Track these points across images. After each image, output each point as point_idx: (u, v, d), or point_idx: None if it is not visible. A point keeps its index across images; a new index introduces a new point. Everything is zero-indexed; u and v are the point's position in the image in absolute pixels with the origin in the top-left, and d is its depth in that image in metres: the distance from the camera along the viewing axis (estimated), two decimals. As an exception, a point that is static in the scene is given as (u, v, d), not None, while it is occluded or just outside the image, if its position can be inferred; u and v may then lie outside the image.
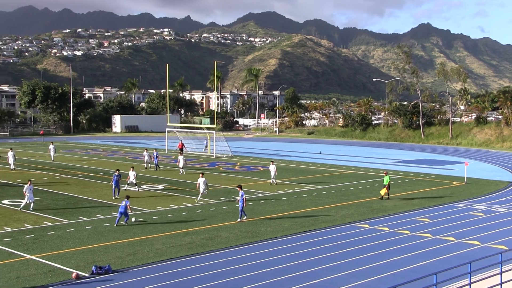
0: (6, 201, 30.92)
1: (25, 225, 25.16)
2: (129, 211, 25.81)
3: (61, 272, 18.33)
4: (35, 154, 60.93)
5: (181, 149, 58.75)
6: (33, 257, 20.03)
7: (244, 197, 26.37)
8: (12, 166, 45.83)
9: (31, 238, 22.79)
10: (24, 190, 28.82)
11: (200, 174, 32.23)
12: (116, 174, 32.91)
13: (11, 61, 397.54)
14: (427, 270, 18.22)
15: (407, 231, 24.65)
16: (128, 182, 34.96)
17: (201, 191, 30.95)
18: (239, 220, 26.34)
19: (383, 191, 32.87)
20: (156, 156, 47.22)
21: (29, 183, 29.09)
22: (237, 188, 27.38)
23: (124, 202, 25.57)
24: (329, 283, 17.44)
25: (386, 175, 33.32)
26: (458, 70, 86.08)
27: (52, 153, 53.27)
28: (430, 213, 28.83)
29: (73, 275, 17.77)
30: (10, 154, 46.51)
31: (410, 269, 18.87)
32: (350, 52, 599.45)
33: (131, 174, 34.93)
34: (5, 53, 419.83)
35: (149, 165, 47.44)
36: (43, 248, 21.26)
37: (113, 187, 32.63)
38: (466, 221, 27.02)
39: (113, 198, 32.27)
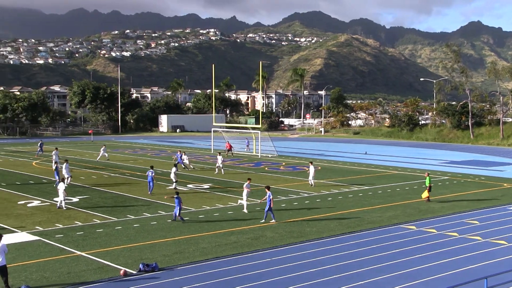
0: (57, 198, 31.69)
1: (76, 222, 25.76)
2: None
3: (109, 268, 18.70)
4: (84, 153, 62.32)
5: (229, 150, 59.08)
6: (83, 253, 20.49)
7: (271, 198, 26.01)
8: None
9: (81, 235, 23.33)
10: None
11: (248, 180, 30.00)
12: (151, 170, 33.99)
13: (63, 62, 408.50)
14: (477, 273, 17.82)
15: (455, 233, 24.14)
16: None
17: (244, 199, 28.70)
18: (263, 221, 25.96)
19: (425, 194, 32.25)
20: (180, 157, 47.39)
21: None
22: (265, 189, 26.62)
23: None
24: (374, 285, 17.24)
25: (427, 176, 32.69)
26: (510, 68, 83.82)
27: (101, 153, 54.05)
28: (479, 215, 28.15)
29: (121, 272, 18.10)
30: (54, 152, 47.50)
31: (459, 272, 18.46)
32: (396, 51, 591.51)
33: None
34: (57, 54, 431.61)
35: (191, 167, 47.21)
36: (92, 245, 21.73)
37: (149, 183, 33.79)
38: (518, 224, 26.28)
39: (149, 193, 33.40)
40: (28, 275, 17.97)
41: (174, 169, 36.82)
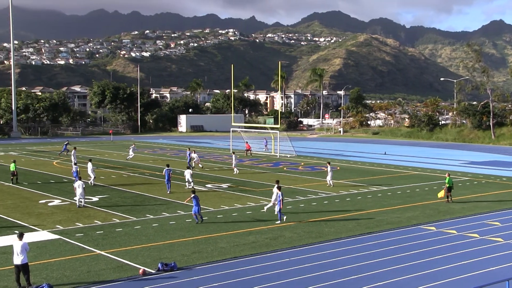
0: (83, 200, 31.97)
1: (95, 221, 25.98)
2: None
3: (128, 268, 18.83)
4: (104, 153, 62.81)
5: (248, 150, 59.23)
6: (102, 252, 20.66)
7: (281, 198, 25.91)
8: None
9: (101, 234, 23.52)
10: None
11: (276, 183, 28.18)
12: (167, 169, 34.88)
13: (83, 62, 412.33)
14: (498, 276, 17.59)
15: (476, 234, 23.89)
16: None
17: (271, 202, 27.41)
18: (278, 222, 25.79)
19: (441, 193, 31.96)
20: (189, 155, 47.89)
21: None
22: (276, 190, 26.28)
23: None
24: (394, 286, 17.14)
25: (448, 176, 32.32)
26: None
27: (131, 153, 54.46)
28: (501, 217, 27.82)
29: (140, 271, 18.21)
30: (73, 152, 48.53)
31: (479, 274, 18.28)
32: (416, 51, 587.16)
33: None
34: (77, 55, 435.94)
35: (200, 166, 47.29)
36: (112, 244, 21.89)
37: (166, 181, 34.56)
38: (540, 225, 25.92)
39: (168, 192, 34.00)
40: (49, 273, 18.17)
41: (189, 171, 36.24)
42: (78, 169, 37.28)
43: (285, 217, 26.02)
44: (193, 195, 25.82)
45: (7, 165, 44.27)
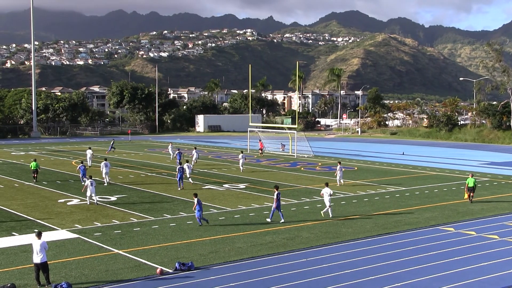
0: (96, 197, 32.23)
1: (113, 221, 26.16)
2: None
3: (146, 267, 18.93)
4: (122, 152, 63.21)
5: (261, 149, 59.46)
6: (120, 251, 20.80)
7: (279, 197, 26.19)
8: (89, 163, 47.50)
9: (119, 233, 23.67)
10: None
11: (325, 184, 28.53)
12: (180, 167, 36.19)
13: (102, 63, 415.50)
14: (516, 277, 17.42)
15: (495, 236, 23.64)
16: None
17: (327, 205, 27.40)
18: (269, 220, 26.16)
19: (466, 195, 31.76)
20: (180, 153, 49.42)
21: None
22: (274, 189, 26.65)
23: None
24: (412, 287, 17.03)
25: (471, 177, 31.99)
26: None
27: (171, 152, 55.53)
28: (520, 218, 27.51)
29: (158, 270, 18.29)
30: (88, 151, 49.31)
31: (498, 277, 18.08)
32: (435, 50, 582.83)
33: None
34: (96, 55, 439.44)
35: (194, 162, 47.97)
36: (129, 243, 22.02)
37: (178, 180, 35.85)
38: (560, 227, 25.58)
39: (179, 189, 35.34)
40: (67, 272, 18.34)
41: (187, 165, 38.80)
42: (85, 167, 38.13)
43: (282, 219, 26.20)
44: (196, 199, 25.35)
45: (28, 164, 44.75)
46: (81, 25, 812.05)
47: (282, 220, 26.00)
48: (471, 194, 31.54)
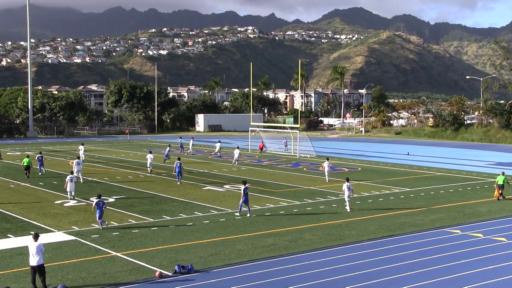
0: (93, 199, 32.22)
1: (111, 222, 26.14)
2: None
3: (145, 270, 18.92)
4: (120, 152, 63.22)
5: (261, 149, 59.64)
6: (118, 254, 20.79)
7: (247, 192, 27.64)
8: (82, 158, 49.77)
9: (117, 235, 23.66)
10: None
11: (346, 180, 29.90)
12: (178, 162, 38.29)
13: (100, 61, 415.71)
14: (524, 281, 17.38)
15: (503, 238, 23.59)
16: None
17: (347, 198, 29.26)
18: (238, 214, 27.73)
19: (496, 192, 32.93)
20: (168, 151, 52.84)
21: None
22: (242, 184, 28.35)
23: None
24: (417, 290, 17.00)
25: (502, 175, 32.75)
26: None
27: (190, 147, 59.98)
28: (528, 220, 27.46)
29: (157, 273, 18.29)
30: (81, 147, 51.66)
31: (506, 280, 18.04)
32: (441, 48, 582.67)
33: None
34: (94, 53, 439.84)
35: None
36: (128, 245, 22.02)
37: (177, 174, 38.02)
38: None
39: (178, 183, 37.75)
40: (64, 275, 18.34)
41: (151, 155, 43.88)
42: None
43: (240, 213, 27.86)
44: (98, 199, 25.10)
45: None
46: (79, 22, 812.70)
47: (248, 215, 27.30)
48: (501, 191, 32.65)
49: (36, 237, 17.22)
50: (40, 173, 42.68)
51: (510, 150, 69.12)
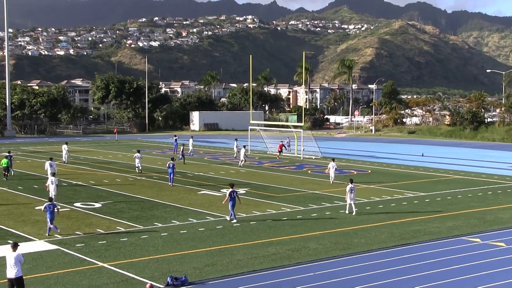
0: (78, 204, 32.28)
1: (98, 230, 26.15)
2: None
3: (134, 282, 18.91)
4: (107, 153, 63.25)
5: (281, 151, 59.01)
6: (105, 265, 20.78)
7: (233, 196, 28.13)
8: (65, 159, 52.38)
9: (104, 244, 23.66)
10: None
11: (350, 181, 31.17)
12: (171, 162, 39.36)
13: (85, 53, 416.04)
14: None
15: (526, 247, 23.62)
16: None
17: (350, 201, 30.30)
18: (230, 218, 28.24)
19: None
20: (183, 150, 54.71)
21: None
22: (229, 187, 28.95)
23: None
24: (432, 305, 17.00)
25: None
26: None
27: (190, 147, 60.28)
28: (555, 227, 27.48)
29: (147, 286, 18.20)
30: (64, 147, 53.03)
31: (530, 292, 18.05)
32: (459, 39, 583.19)
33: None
34: (79, 45, 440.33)
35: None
36: (116, 255, 22.01)
37: (170, 175, 39.06)
38: None
39: (170, 185, 38.72)
40: (45, 287, 18.32)
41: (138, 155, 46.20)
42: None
43: (230, 218, 28.25)
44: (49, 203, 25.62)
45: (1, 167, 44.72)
46: (62, 10, 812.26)
47: (229, 218, 28.14)
48: None
49: (14, 247, 17.14)
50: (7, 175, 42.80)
51: (534, 151, 69.17)
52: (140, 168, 45.97)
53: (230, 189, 28.41)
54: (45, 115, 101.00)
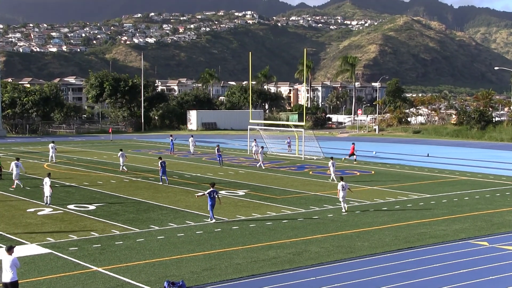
0: (71, 206, 32.30)
1: (92, 233, 26.18)
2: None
3: (130, 287, 18.93)
4: (102, 154, 63.26)
5: (352, 154, 56.85)
6: (100, 269, 20.80)
7: (212, 196, 28.48)
8: (53, 159, 53.65)
9: (98, 248, 23.69)
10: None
11: (340, 179, 32.41)
12: (161, 161, 40.62)
13: (78, 50, 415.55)
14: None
15: (535, 251, 23.65)
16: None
17: (341, 199, 31.28)
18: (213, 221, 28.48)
19: None
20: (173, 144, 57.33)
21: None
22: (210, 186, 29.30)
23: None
24: (438, 310, 17.03)
25: None
26: None
27: (191, 147, 62.54)
28: None
29: (143, 290, 18.32)
30: (51, 145, 54.20)
31: (539, 297, 18.09)
32: (466, 35, 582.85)
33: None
34: (72, 41, 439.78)
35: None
36: (110, 259, 22.04)
37: (161, 176, 40.37)
38: None
39: (167, 184, 39.89)
40: (38, 292, 18.35)
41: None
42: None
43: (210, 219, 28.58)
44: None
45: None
46: (54, 5, 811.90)
47: (213, 221, 28.35)
48: None
49: (10, 250, 17.11)
50: None
51: (544, 151, 69.22)
52: (123, 167, 47.06)
53: (211, 188, 28.64)
54: (37, 114, 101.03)
